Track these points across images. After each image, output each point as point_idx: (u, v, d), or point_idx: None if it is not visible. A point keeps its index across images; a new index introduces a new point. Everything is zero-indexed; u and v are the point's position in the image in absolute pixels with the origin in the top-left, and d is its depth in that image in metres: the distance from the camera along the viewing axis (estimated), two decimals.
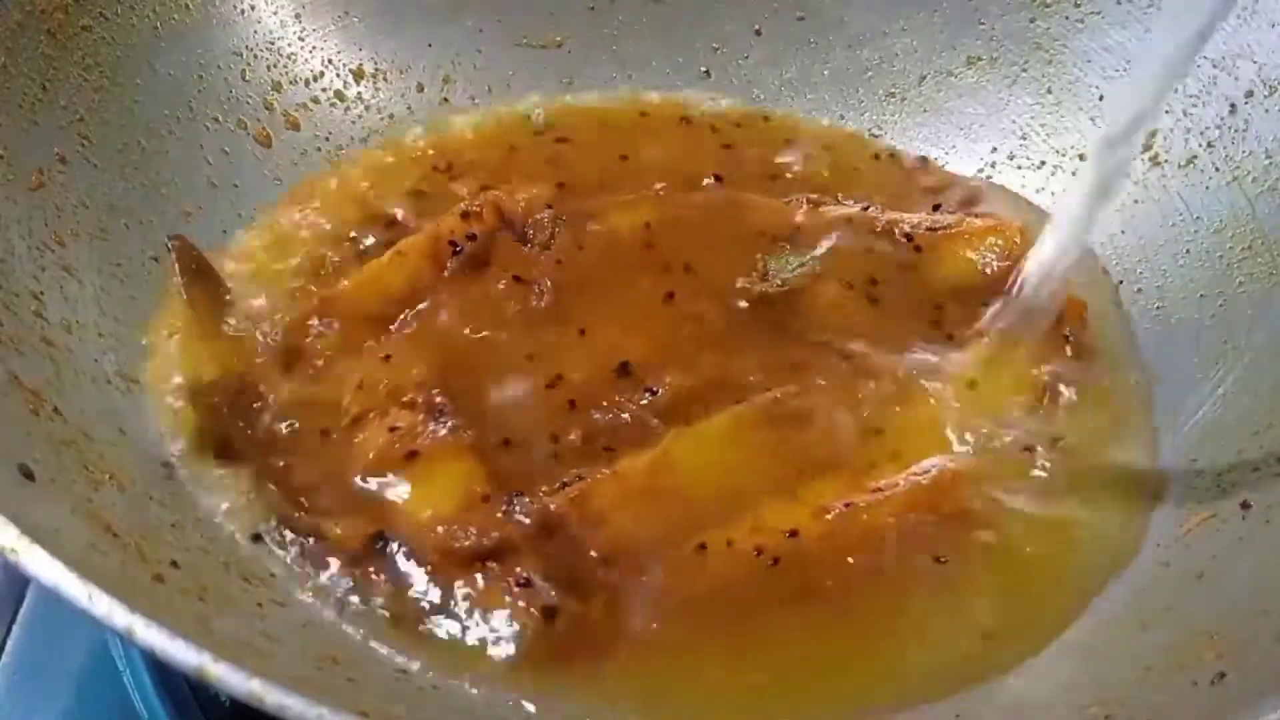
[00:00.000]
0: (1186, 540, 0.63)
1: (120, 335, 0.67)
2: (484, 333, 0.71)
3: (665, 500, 0.62)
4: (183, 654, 0.42)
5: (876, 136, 0.89)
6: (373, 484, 0.63)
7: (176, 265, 0.71)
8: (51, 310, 0.63)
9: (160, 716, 0.63)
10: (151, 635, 0.42)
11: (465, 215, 0.75)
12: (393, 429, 0.64)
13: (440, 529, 0.60)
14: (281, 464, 0.64)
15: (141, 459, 0.61)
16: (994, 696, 0.58)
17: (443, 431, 0.64)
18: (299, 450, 0.65)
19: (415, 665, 0.57)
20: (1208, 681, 0.51)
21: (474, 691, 0.56)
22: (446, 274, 0.73)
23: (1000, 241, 0.76)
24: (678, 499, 0.62)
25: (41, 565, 0.44)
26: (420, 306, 0.72)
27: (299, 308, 0.71)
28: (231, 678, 0.41)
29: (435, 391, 0.66)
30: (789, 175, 0.85)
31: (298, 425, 0.66)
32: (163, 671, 0.63)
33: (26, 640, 0.69)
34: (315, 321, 0.70)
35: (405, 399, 0.66)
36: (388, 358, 0.68)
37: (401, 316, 0.71)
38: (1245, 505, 0.62)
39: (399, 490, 0.62)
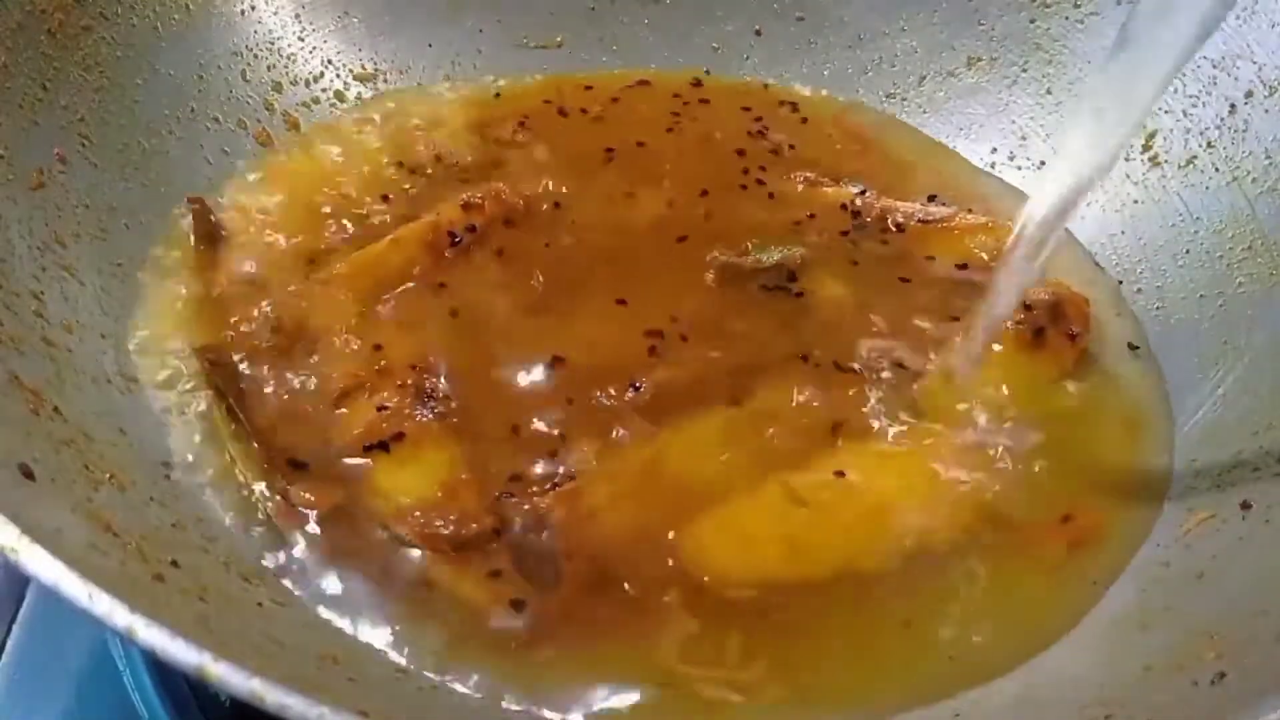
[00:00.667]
0: (1186, 540, 0.63)
1: (120, 335, 0.67)
2: (477, 322, 0.71)
3: (657, 499, 0.62)
4: (183, 654, 0.42)
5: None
6: (356, 460, 0.63)
7: (192, 226, 0.73)
8: (52, 310, 0.63)
9: (160, 716, 0.63)
10: (151, 635, 0.42)
11: (466, 206, 0.75)
12: (381, 408, 0.65)
13: (418, 513, 0.61)
14: (268, 427, 0.64)
15: (141, 459, 0.61)
16: (994, 696, 0.58)
17: (429, 416, 0.65)
18: (287, 419, 0.65)
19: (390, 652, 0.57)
20: (1208, 681, 0.51)
21: (470, 693, 0.56)
22: (443, 263, 0.73)
23: (990, 240, 0.77)
24: (670, 498, 0.62)
25: (41, 565, 0.44)
26: (415, 292, 0.72)
27: (295, 283, 0.71)
28: (231, 678, 0.41)
29: (426, 375, 0.66)
30: (789, 155, 0.85)
31: (287, 395, 0.66)
32: (163, 671, 0.63)
33: (26, 640, 0.69)
34: (310, 297, 0.70)
35: (398, 381, 0.66)
36: (379, 340, 0.69)
37: (395, 300, 0.71)
38: (1245, 505, 0.62)
39: (381, 469, 0.63)
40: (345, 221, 0.77)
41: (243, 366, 0.67)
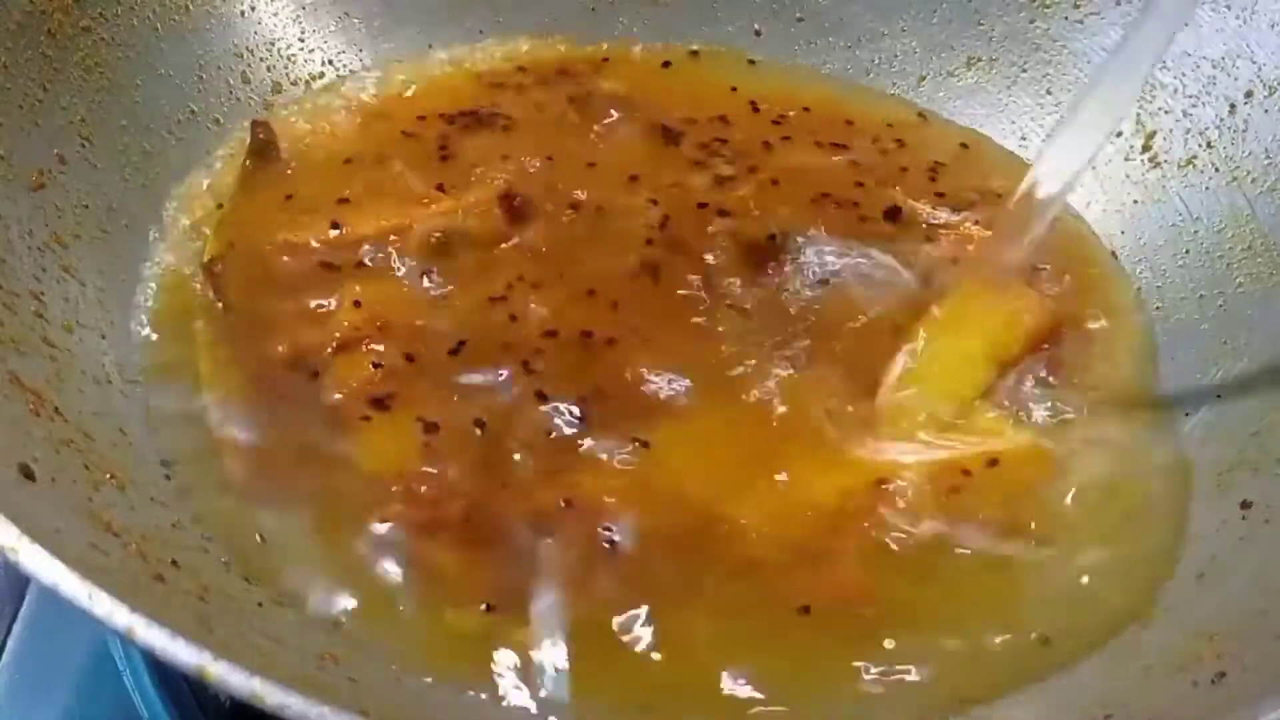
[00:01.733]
0: (1185, 540, 0.63)
1: (120, 335, 0.67)
2: (481, 291, 0.70)
3: (653, 496, 0.62)
4: (183, 654, 0.42)
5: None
6: (342, 412, 0.63)
7: (250, 141, 0.77)
8: (52, 310, 0.63)
9: (160, 716, 0.63)
10: (151, 635, 0.42)
11: (506, 196, 0.75)
12: (376, 365, 0.65)
13: (397, 477, 0.61)
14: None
15: (141, 459, 0.61)
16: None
17: (422, 383, 0.65)
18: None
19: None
20: (1208, 681, 0.51)
21: (480, 696, 0.56)
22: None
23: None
24: (665, 495, 0.62)
25: (41, 565, 0.44)
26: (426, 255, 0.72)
27: (300, 235, 0.72)
28: (231, 677, 0.41)
29: (426, 338, 0.67)
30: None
31: (287, 335, 0.67)
32: (163, 671, 0.63)
33: (26, 640, 0.69)
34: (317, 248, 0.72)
35: (398, 341, 0.66)
36: (382, 300, 0.69)
37: (407, 260, 0.71)
38: (1245, 505, 0.62)
39: (368, 427, 0.63)
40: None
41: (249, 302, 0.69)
